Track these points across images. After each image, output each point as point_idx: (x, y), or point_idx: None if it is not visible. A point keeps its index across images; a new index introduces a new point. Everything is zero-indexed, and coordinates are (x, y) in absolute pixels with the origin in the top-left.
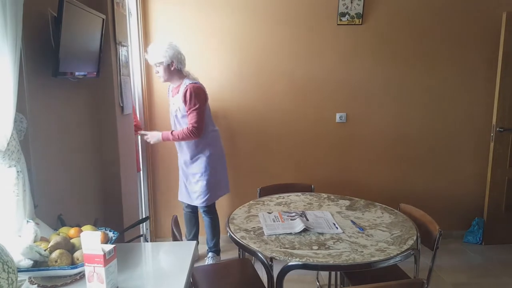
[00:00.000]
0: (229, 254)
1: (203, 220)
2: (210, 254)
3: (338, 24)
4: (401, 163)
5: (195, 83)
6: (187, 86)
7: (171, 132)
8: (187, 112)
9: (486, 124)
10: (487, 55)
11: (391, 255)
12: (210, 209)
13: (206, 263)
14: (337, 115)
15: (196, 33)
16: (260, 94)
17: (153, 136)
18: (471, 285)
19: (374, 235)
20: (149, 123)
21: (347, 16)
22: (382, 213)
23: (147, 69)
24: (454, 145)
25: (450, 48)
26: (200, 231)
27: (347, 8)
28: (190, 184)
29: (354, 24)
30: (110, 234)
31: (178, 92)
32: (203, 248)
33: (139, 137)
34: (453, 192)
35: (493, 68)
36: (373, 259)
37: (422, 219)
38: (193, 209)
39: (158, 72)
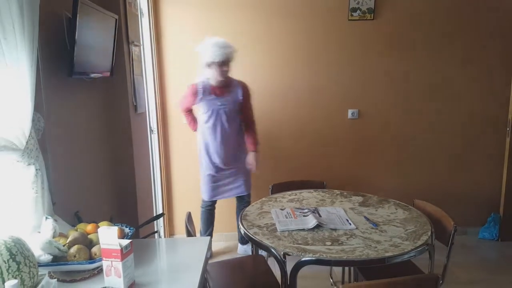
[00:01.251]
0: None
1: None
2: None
3: (349, 20)
4: (415, 159)
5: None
6: (240, 82)
7: (254, 141)
8: (245, 108)
9: (502, 119)
10: (502, 49)
11: (405, 250)
12: None
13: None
14: (349, 112)
15: (207, 32)
16: (272, 91)
17: (254, 160)
18: (487, 281)
19: (387, 231)
20: (162, 122)
21: (358, 11)
22: (396, 209)
23: (160, 68)
24: (469, 140)
25: (463, 43)
26: (214, 228)
27: (358, 3)
28: (238, 175)
29: (366, 20)
30: (126, 230)
31: (228, 90)
32: (217, 245)
33: (149, 135)
34: (468, 187)
35: (508, 62)
36: (387, 254)
37: (436, 215)
38: (213, 207)
39: (224, 70)
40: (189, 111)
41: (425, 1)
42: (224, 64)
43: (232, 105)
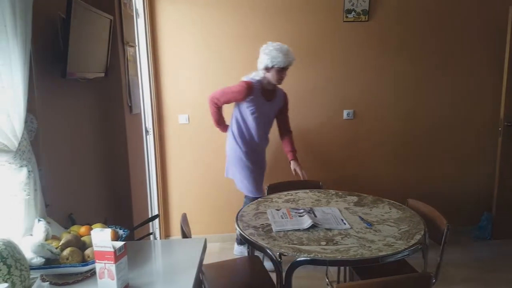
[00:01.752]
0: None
1: None
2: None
3: (344, 21)
4: (409, 159)
5: None
6: (282, 90)
7: (294, 149)
8: (285, 115)
9: (494, 118)
10: (494, 50)
11: (399, 249)
12: None
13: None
14: (345, 112)
15: (203, 32)
16: None
17: (299, 168)
18: (480, 280)
19: (382, 230)
20: (157, 122)
21: (353, 12)
22: (390, 209)
23: (155, 69)
24: (462, 140)
25: (457, 44)
26: (210, 229)
27: (353, 5)
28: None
29: (360, 21)
30: (120, 231)
31: (274, 95)
32: (212, 246)
33: (145, 136)
34: (461, 187)
35: (501, 62)
36: (381, 253)
37: (430, 214)
38: None
39: (281, 75)
40: (219, 107)
41: (419, 3)
42: (283, 70)
43: (273, 111)
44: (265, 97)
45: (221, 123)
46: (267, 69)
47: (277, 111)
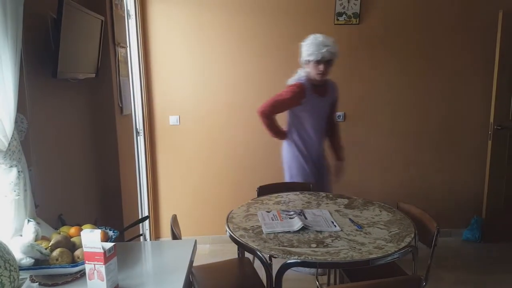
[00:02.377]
0: (228, 255)
1: None
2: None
3: (335, 24)
4: (399, 162)
5: None
6: (333, 82)
7: (341, 148)
8: (335, 109)
9: (484, 122)
10: (484, 53)
11: (389, 252)
12: None
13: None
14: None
15: (194, 34)
16: (259, 92)
17: (340, 170)
18: (470, 282)
19: (372, 233)
20: (148, 123)
21: (344, 16)
22: (380, 211)
23: (146, 70)
24: (452, 143)
25: (447, 47)
26: (200, 230)
27: (344, 8)
28: (324, 175)
29: (351, 24)
30: (110, 232)
31: (326, 89)
32: (202, 248)
33: (135, 136)
34: (452, 190)
35: (490, 66)
36: (371, 256)
37: (420, 217)
38: None
39: (324, 69)
40: (272, 119)
41: (410, 6)
42: (319, 63)
43: (328, 106)
44: (318, 93)
45: (279, 133)
46: (305, 63)
47: (331, 105)
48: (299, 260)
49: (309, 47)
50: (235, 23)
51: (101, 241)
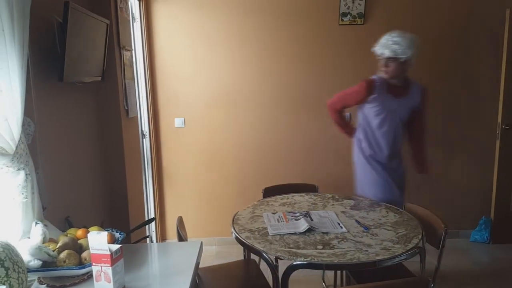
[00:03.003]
0: (234, 257)
1: None
2: None
3: (339, 25)
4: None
5: None
6: (420, 85)
7: (425, 159)
8: (420, 116)
9: (492, 122)
10: (491, 52)
11: (396, 253)
12: None
13: None
14: None
15: (199, 36)
16: (263, 94)
17: (422, 184)
18: (478, 284)
19: (379, 234)
20: (154, 126)
21: (348, 16)
22: (387, 213)
23: (151, 73)
24: (460, 143)
25: (454, 47)
26: (206, 232)
27: (348, 8)
28: (394, 188)
29: (356, 24)
30: (117, 234)
31: (406, 92)
32: (208, 250)
33: (142, 139)
34: (459, 191)
35: (498, 65)
36: (378, 258)
37: (427, 218)
38: None
39: (388, 66)
40: (340, 112)
41: (415, 6)
42: (389, 61)
43: (406, 110)
44: (393, 93)
45: (346, 127)
46: (379, 60)
47: (411, 110)
48: (305, 262)
49: (381, 42)
50: (239, 25)
51: (108, 243)
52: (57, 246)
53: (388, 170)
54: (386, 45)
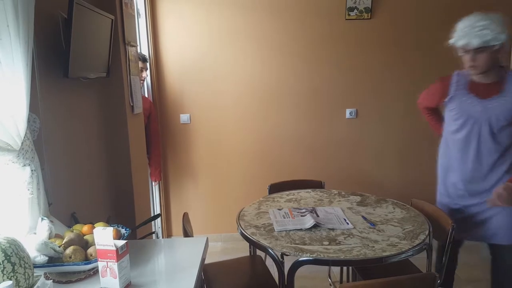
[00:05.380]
0: (240, 253)
1: (500, 267)
2: None
3: (346, 19)
4: (413, 158)
5: None
6: None
7: None
8: None
9: None
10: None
11: (403, 249)
12: None
13: None
14: (347, 111)
15: (204, 32)
16: (269, 90)
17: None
18: (486, 280)
19: (385, 230)
20: (159, 122)
21: (355, 10)
22: (394, 209)
23: (157, 68)
24: None
25: None
26: (211, 228)
27: (355, 2)
28: (494, 215)
29: (363, 19)
30: (123, 230)
31: (499, 90)
32: (214, 246)
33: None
34: None
35: (507, 62)
36: (384, 254)
37: (434, 214)
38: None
39: (476, 60)
40: (430, 111)
41: (422, 0)
42: (480, 51)
43: (501, 113)
44: (478, 93)
45: (434, 126)
46: (459, 52)
47: (509, 113)
48: (311, 258)
49: (457, 29)
50: (244, 20)
51: (114, 239)
52: (63, 242)
53: (474, 194)
54: (472, 33)
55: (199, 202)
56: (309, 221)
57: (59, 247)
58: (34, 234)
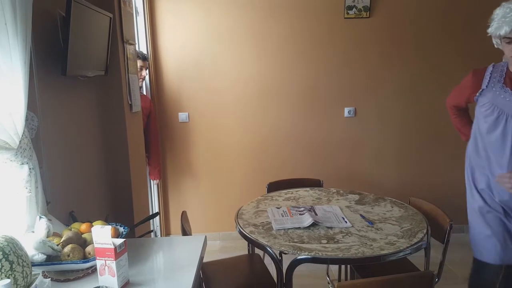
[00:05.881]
0: (238, 252)
1: None
2: None
3: (345, 18)
4: (411, 157)
5: None
6: None
7: None
8: None
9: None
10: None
11: (401, 248)
12: None
13: None
14: (346, 110)
15: (203, 30)
16: (268, 89)
17: None
18: None
19: (383, 228)
20: (158, 122)
21: (354, 9)
22: (392, 207)
23: (155, 67)
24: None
25: (457, 42)
26: (210, 227)
27: (354, 1)
28: None
29: (362, 17)
30: (121, 229)
31: None
32: (212, 244)
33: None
34: (464, 184)
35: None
36: (382, 252)
37: (432, 213)
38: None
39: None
40: (458, 111)
41: None
42: (509, 40)
43: None
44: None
45: (460, 129)
46: (499, 41)
47: None
48: (309, 256)
49: (497, 17)
50: (243, 19)
51: (112, 237)
52: (61, 240)
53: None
54: (499, 19)
55: (197, 200)
56: (307, 220)
57: (57, 245)
58: (32, 233)
